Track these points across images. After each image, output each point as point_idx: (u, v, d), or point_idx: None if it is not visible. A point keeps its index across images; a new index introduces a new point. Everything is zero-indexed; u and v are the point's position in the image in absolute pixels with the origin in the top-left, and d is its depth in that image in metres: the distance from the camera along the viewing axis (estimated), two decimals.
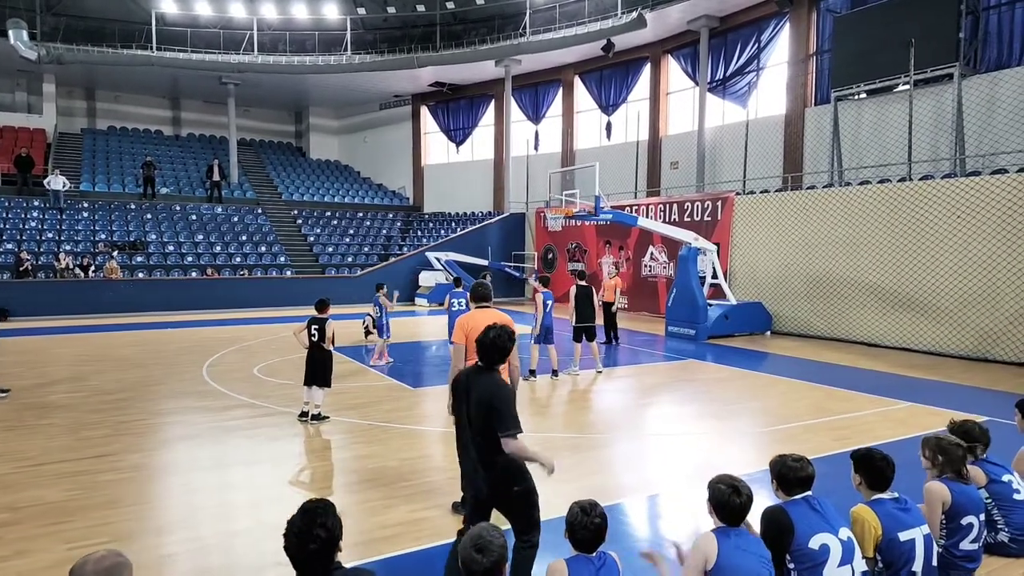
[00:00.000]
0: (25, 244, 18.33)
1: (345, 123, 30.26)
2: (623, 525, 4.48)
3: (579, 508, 2.51)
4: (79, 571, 1.86)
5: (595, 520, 2.46)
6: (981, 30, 13.35)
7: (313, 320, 7.00)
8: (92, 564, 1.88)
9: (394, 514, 4.55)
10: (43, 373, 9.60)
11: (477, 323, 4.49)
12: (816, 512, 2.72)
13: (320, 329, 6.94)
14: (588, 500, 2.56)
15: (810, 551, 2.63)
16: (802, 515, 2.71)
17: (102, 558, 1.90)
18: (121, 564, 1.91)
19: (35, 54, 20.31)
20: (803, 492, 2.81)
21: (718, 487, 2.65)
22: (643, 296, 17.97)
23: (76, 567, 1.89)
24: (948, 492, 3.24)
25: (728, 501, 2.59)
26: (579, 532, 2.46)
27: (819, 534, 2.64)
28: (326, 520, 2.03)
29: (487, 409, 3.06)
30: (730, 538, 2.56)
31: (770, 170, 17.08)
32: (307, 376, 6.94)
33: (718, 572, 2.48)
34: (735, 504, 2.58)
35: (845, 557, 2.63)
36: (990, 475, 3.56)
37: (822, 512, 2.73)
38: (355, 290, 19.52)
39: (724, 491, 2.61)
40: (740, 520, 2.62)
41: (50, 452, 5.90)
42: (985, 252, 10.78)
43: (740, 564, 2.49)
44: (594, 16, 20.50)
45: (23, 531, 4.24)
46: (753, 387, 8.89)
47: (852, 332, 12.90)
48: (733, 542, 2.54)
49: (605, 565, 2.45)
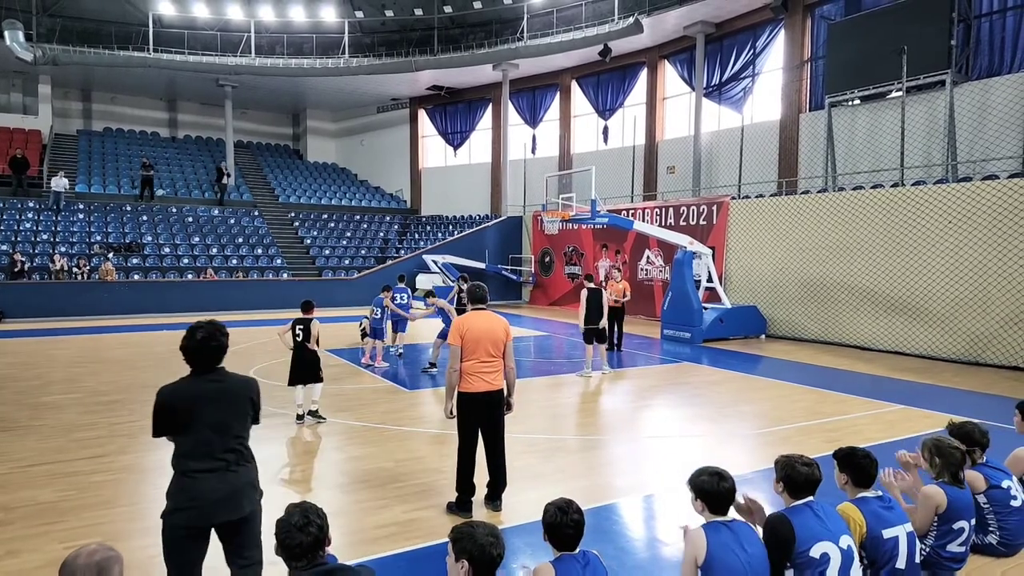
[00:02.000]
0: (20, 246, 18.26)
1: (342, 126, 30.28)
2: (617, 525, 4.51)
3: (556, 508, 2.49)
4: (71, 564, 1.88)
5: (574, 516, 2.46)
6: (973, 38, 13.50)
7: (298, 321, 7.05)
8: (84, 558, 1.90)
9: (388, 514, 4.56)
10: (37, 374, 9.57)
11: (473, 325, 4.53)
12: (818, 519, 2.71)
13: (305, 329, 6.99)
14: (562, 499, 2.55)
15: (811, 559, 2.62)
16: (804, 522, 2.69)
17: (93, 551, 1.92)
18: (112, 558, 1.93)
19: (31, 55, 20.28)
20: (808, 496, 2.79)
21: (701, 478, 2.68)
22: (639, 299, 18.00)
23: (68, 560, 1.90)
24: (944, 496, 3.23)
25: (716, 487, 2.62)
26: (562, 531, 2.44)
27: (821, 542, 2.63)
28: (319, 514, 2.25)
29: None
30: (720, 533, 2.57)
31: (765, 175, 17.19)
32: (293, 377, 6.99)
33: (708, 568, 2.49)
34: (724, 489, 2.62)
35: (844, 565, 2.63)
36: (990, 480, 3.55)
37: (824, 519, 2.72)
38: (352, 293, 19.52)
39: (710, 480, 2.65)
40: (728, 507, 2.64)
41: (44, 453, 5.89)
42: (977, 257, 10.87)
43: (729, 560, 2.50)
44: (591, 21, 20.62)
45: (16, 531, 4.24)
46: (747, 390, 8.93)
47: (846, 336, 12.97)
48: (723, 537, 2.55)
49: (589, 564, 2.46)
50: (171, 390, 2.85)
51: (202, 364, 2.89)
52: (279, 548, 2.20)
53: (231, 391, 2.90)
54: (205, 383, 2.87)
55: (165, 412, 2.81)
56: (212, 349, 2.87)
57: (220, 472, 2.79)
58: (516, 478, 4.97)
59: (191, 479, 2.77)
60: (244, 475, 2.86)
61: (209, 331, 2.87)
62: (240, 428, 2.89)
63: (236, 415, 2.88)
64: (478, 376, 4.48)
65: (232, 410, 2.87)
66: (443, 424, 6.77)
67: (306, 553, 2.17)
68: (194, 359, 2.87)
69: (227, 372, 2.95)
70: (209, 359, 2.88)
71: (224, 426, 2.83)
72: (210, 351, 2.87)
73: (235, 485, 2.80)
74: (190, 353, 2.86)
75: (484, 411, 4.53)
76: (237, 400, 2.90)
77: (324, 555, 2.24)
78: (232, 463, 2.82)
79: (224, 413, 2.84)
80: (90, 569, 1.87)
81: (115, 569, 1.93)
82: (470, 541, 2.14)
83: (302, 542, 2.16)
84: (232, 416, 2.87)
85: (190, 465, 2.79)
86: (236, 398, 2.90)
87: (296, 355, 6.98)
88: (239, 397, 2.91)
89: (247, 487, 2.86)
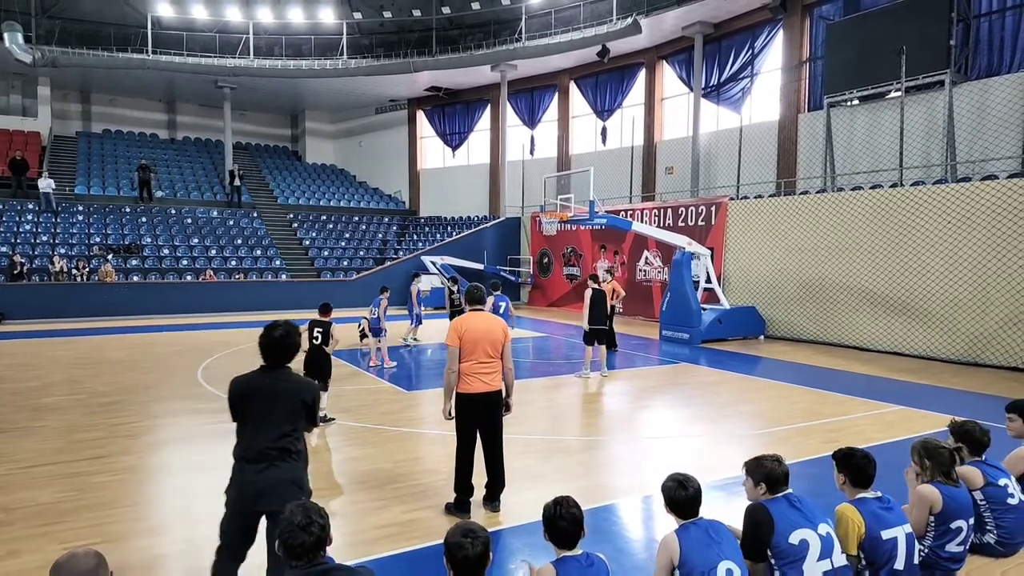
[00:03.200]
0: (19, 247, 18.26)
1: (341, 127, 30.30)
2: (615, 526, 4.52)
3: (552, 502, 2.55)
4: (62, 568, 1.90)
5: (571, 510, 2.50)
6: (972, 38, 13.51)
7: (316, 323, 7.01)
8: (79, 558, 1.92)
9: (387, 515, 4.57)
10: (37, 376, 9.57)
11: (471, 326, 4.54)
12: (796, 509, 2.80)
13: (324, 332, 6.97)
14: (562, 496, 2.59)
15: (790, 546, 2.69)
16: (782, 512, 2.78)
17: (85, 554, 1.94)
18: (100, 564, 1.96)
19: (30, 57, 20.29)
20: (784, 490, 2.87)
21: (666, 484, 2.75)
22: (637, 300, 18.04)
23: (58, 564, 1.92)
24: (939, 496, 3.25)
25: (675, 495, 2.69)
26: (558, 523, 2.48)
27: (798, 530, 2.71)
28: (321, 514, 2.28)
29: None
30: (690, 532, 2.64)
31: (764, 175, 17.21)
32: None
33: (683, 566, 2.56)
34: (681, 497, 2.68)
35: (824, 551, 2.70)
36: (987, 477, 3.58)
37: (801, 509, 2.80)
38: (350, 294, 19.51)
39: (671, 487, 2.72)
40: (693, 511, 2.70)
41: (44, 454, 5.89)
42: (975, 257, 10.88)
43: (703, 554, 2.56)
44: (590, 22, 20.64)
45: (16, 532, 4.25)
46: (746, 391, 8.94)
47: (844, 336, 12.99)
48: (694, 535, 2.62)
49: (593, 565, 2.47)
50: (236, 381, 3.11)
51: (272, 360, 3.09)
52: (281, 547, 2.22)
53: (286, 391, 3.06)
54: (265, 379, 3.08)
55: (230, 400, 3.09)
56: (285, 347, 3.09)
57: (263, 465, 2.95)
58: (515, 479, 4.98)
59: (238, 467, 3.03)
60: (288, 472, 3.00)
61: (286, 330, 3.10)
62: (289, 427, 3.03)
63: (286, 414, 3.03)
64: (476, 377, 4.49)
65: (283, 409, 3.03)
66: (442, 425, 6.77)
67: (307, 553, 2.19)
68: (266, 354, 3.11)
69: (290, 373, 3.14)
70: (280, 356, 3.09)
71: (272, 423, 2.99)
72: (283, 348, 3.08)
73: (275, 480, 2.95)
74: (264, 348, 3.10)
75: (483, 412, 4.54)
76: (290, 400, 3.05)
77: (324, 555, 2.26)
78: (276, 459, 2.97)
79: (274, 410, 3.02)
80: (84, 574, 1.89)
81: (103, 574, 1.96)
82: (447, 543, 2.22)
83: (304, 541, 2.18)
84: (282, 415, 3.02)
85: (239, 453, 3.03)
86: (289, 397, 3.05)
87: (311, 357, 6.93)
88: (292, 397, 3.06)
89: (288, 484, 2.97)
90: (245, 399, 3.03)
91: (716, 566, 2.52)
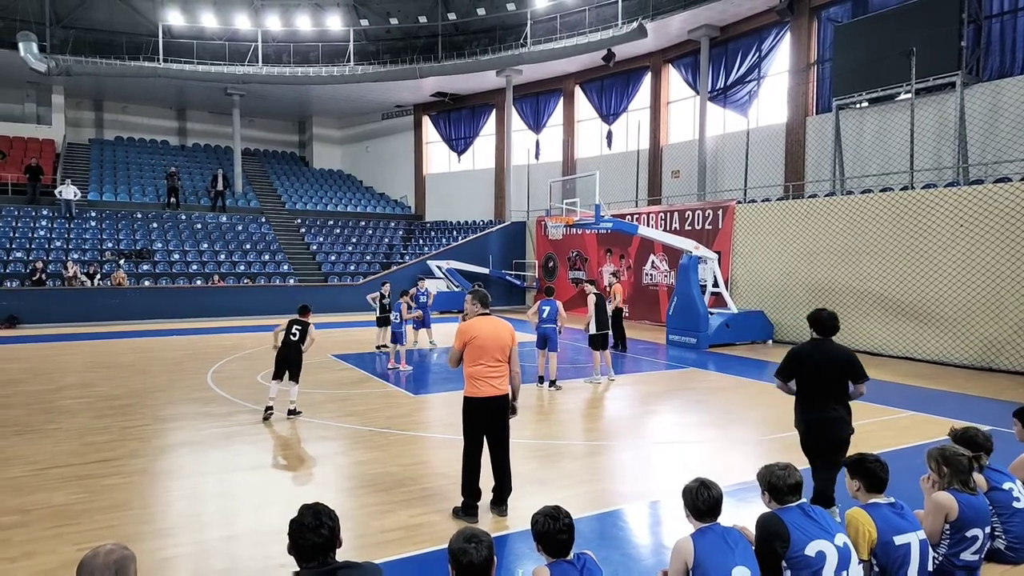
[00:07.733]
0: (34, 252, 18.52)
1: (348, 133, 30.51)
2: (622, 531, 4.50)
3: (545, 516, 2.51)
4: (89, 563, 1.94)
5: (566, 521, 2.50)
6: (983, 39, 13.40)
7: (295, 321, 7.35)
8: (102, 557, 1.96)
9: (394, 518, 4.58)
10: (51, 379, 9.68)
11: (480, 330, 4.55)
12: (811, 519, 2.74)
13: (302, 330, 7.29)
14: (551, 507, 2.57)
15: (807, 558, 2.64)
16: (797, 522, 2.73)
17: (110, 551, 1.98)
18: (128, 557, 2.00)
19: (44, 66, 20.61)
20: (795, 499, 2.83)
21: (689, 486, 2.74)
22: (644, 304, 17.98)
23: (86, 559, 1.96)
24: (956, 504, 3.21)
25: (697, 496, 2.68)
26: (556, 537, 2.47)
27: (815, 541, 2.66)
28: (331, 515, 2.29)
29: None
30: (706, 537, 2.63)
31: (771, 179, 17.13)
32: (278, 372, 7.26)
33: (697, 569, 2.55)
34: (704, 498, 2.67)
35: (841, 563, 2.65)
36: (991, 482, 3.54)
37: (817, 519, 2.75)
38: (357, 298, 19.58)
39: (694, 487, 2.71)
40: (714, 515, 2.68)
41: (57, 456, 5.96)
42: (989, 261, 10.76)
43: (717, 559, 2.55)
44: (595, 26, 20.68)
45: (31, 533, 4.30)
46: (754, 396, 8.88)
47: (854, 341, 12.85)
48: (710, 540, 2.61)
49: (585, 566, 2.48)
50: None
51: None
52: (291, 547, 2.24)
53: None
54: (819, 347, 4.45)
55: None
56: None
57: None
58: (521, 483, 4.97)
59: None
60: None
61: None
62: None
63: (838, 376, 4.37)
64: (485, 381, 4.50)
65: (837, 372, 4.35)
66: (448, 429, 6.79)
67: (317, 554, 2.20)
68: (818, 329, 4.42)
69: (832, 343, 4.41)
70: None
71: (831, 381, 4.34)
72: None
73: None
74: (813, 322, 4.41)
75: (490, 416, 4.55)
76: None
77: (334, 557, 2.27)
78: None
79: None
80: (108, 568, 1.93)
81: (131, 568, 1.99)
82: (451, 550, 2.22)
83: (314, 542, 2.19)
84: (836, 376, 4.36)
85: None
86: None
87: (283, 353, 7.24)
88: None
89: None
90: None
91: (730, 572, 2.51)
